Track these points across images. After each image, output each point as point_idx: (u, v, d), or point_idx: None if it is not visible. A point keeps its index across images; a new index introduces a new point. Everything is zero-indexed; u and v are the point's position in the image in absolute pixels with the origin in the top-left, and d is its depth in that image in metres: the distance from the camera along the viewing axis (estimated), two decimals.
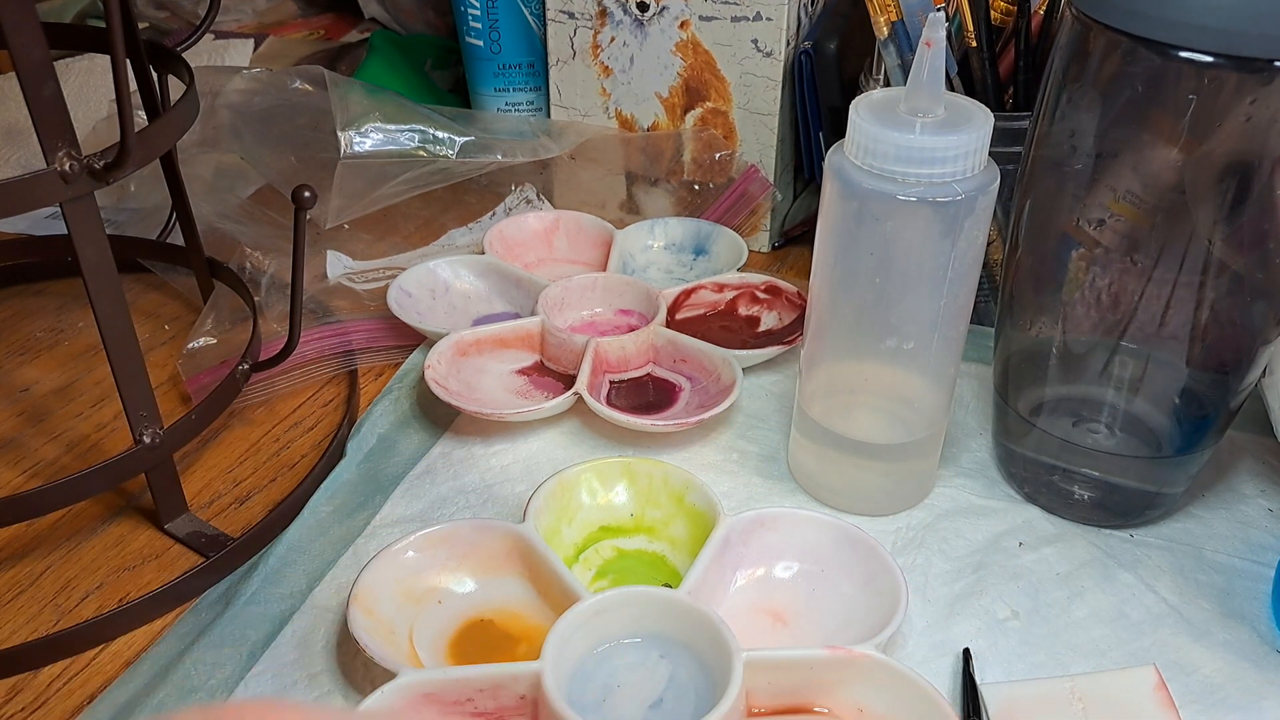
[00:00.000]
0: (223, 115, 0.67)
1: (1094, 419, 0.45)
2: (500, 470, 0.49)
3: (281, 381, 0.54)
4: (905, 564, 0.44)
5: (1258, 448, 0.50)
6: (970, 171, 0.39)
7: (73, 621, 0.42)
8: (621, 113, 0.67)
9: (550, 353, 0.55)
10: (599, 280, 0.58)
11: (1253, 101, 0.36)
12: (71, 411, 0.54)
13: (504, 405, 0.51)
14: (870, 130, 0.38)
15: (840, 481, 0.47)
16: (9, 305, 0.63)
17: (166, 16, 0.94)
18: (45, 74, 0.35)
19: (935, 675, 0.39)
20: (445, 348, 0.53)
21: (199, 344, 0.54)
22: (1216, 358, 0.42)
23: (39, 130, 0.36)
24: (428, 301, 0.59)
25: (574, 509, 0.45)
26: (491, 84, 0.73)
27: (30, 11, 0.35)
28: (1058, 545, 0.45)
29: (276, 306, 0.56)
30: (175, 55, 0.48)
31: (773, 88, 0.63)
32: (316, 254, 0.62)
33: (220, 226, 0.62)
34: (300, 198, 0.41)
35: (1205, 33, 0.35)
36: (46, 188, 0.37)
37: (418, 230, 0.68)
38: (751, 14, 0.61)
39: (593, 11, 0.64)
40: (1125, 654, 0.41)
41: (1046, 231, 0.43)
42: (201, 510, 0.48)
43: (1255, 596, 0.43)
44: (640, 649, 0.39)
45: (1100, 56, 0.38)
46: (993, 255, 0.55)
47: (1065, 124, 0.40)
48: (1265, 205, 0.38)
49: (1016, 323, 0.46)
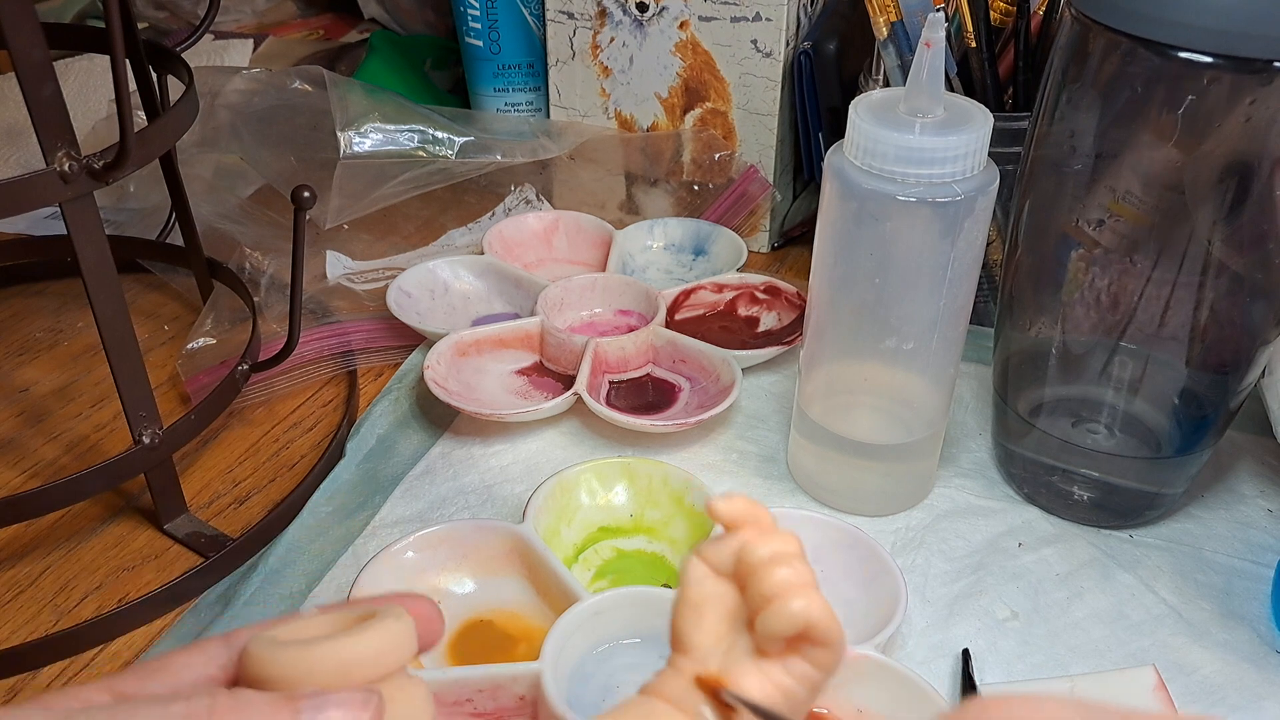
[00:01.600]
0: (222, 115, 0.67)
1: (1093, 419, 0.45)
2: (500, 470, 0.49)
3: (281, 382, 0.54)
4: (905, 564, 0.44)
5: (1257, 448, 0.50)
6: (970, 172, 0.39)
7: (72, 622, 0.42)
8: (621, 113, 0.67)
9: (550, 353, 0.55)
10: (598, 280, 0.58)
11: (1252, 102, 0.36)
12: (71, 412, 0.54)
13: (503, 406, 0.51)
14: (870, 130, 0.38)
15: (840, 482, 0.47)
16: (8, 305, 0.63)
17: (166, 16, 0.94)
18: (45, 74, 0.35)
19: (935, 676, 0.39)
20: (444, 348, 0.53)
21: (198, 344, 0.54)
22: (1216, 358, 0.42)
23: (38, 130, 0.36)
24: (427, 302, 0.59)
25: (573, 509, 0.45)
26: (491, 84, 0.73)
27: (30, 11, 0.35)
28: (1057, 546, 0.45)
29: (276, 307, 0.56)
30: (175, 55, 0.48)
31: (772, 88, 0.63)
32: (316, 254, 0.62)
33: (220, 227, 0.62)
34: (300, 198, 0.41)
35: (1204, 33, 0.35)
36: (46, 188, 0.37)
37: (417, 230, 0.68)
38: (751, 14, 0.61)
39: (592, 12, 0.64)
40: (1124, 654, 0.41)
41: (1046, 232, 0.43)
42: (201, 510, 0.48)
43: (1255, 597, 0.43)
44: (640, 649, 0.39)
45: (1100, 57, 0.38)
46: (992, 255, 0.55)
47: (1065, 124, 0.40)
48: (1264, 205, 0.38)
49: (1016, 323, 0.46)
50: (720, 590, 0.25)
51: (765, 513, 0.25)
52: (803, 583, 0.24)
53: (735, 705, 0.24)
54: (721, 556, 0.25)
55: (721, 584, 0.25)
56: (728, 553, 0.25)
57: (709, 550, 0.25)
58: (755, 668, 0.25)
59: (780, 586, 0.24)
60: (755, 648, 0.25)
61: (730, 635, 0.25)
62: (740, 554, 0.25)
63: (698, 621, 0.25)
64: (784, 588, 0.24)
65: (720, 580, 0.25)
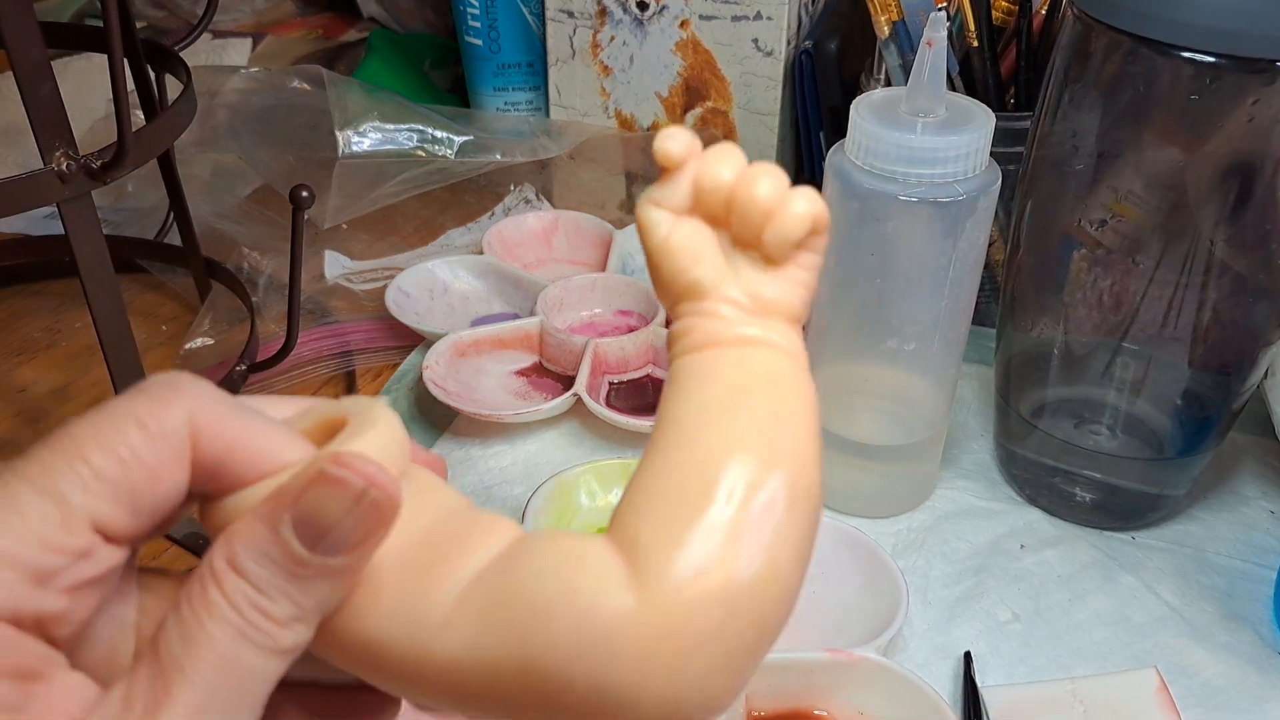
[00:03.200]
0: (221, 115, 0.67)
1: (1096, 420, 0.45)
2: (499, 472, 0.49)
3: (279, 382, 0.54)
4: (906, 566, 0.44)
5: (1259, 450, 0.50)
6: (971, 172, 0.39)
7: None
8: (621, 112, 0.67)
9: (549, 353, 0.54)
10: (598, 281, 0.58)
11: (1255, 102, 0.36)
12: (69, 412, 0.54)
13: (503, 406, 0.51)
14: (871, 130, 0.38)
15: (840, 483, 0.47)
16: (6, 305, 0.63)
17: (164, 16, 0.94)
18: (43, 73, 0.35)
19: (936, 678, 0.39)
20: (443, 348, 0.53)
21: (196, 344, 0.54)
22: (1218, 359, 0.42)
23: (36, 130, 0.36)
24: (426, 302, 0.59)
25: (573, 511, 0.45)
26: (490, 83, 0.73)
27: (28, 11, 0.34)
28: (1059, 547, 0.45)
29: (274, 307, 0.55)
30: (173, 54, 0.48)
31: (773, 87, 0.62)
32: (314, 254, 0.62)
33: (218, 226, 0.62)
34: (298, 198, 0.41)
35: (1207, 33, 0.35)
36: (44, 188, 0.36)
37: (416, 230, 0.68)
38: (752, 13, 0.60)
39: (592, 11, 0.64)
40: (1127, 656, 0.40)
41: (1048, 232, 0.43)
42: None
43: (1257, 599, 0.43)
44: None
45: (1102, 56, 0.38)
46: (994, 256, 0.55)
47: (1067, 124, 0.40)
48: (1267, 206, 0.38)
49: (1018, 324, 0.46)
50: (694, 225, 0.24)
51: (698, 141, 0.24)
52: (785, 184, 0.23)
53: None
54: (679, 195, 0.23)
55: (690, 220, 0.24)
56: (684, 189, 0.23)
57: (660, 194, 0.24)
58: (772, 279, 0.24)
59: (773, 196, 0.23)
60: (764, 260, 0.24)
61: (727, 262, 0.24)
62: (700, 184, 0.23)
63: (697, 259, 0.23)
64: (777, 196, 0.23)
65: (687, 218, 0.24)
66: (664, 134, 0.23)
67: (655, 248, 0.23)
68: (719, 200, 0.23)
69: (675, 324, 0.24)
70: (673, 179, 0.24)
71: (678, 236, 0.23)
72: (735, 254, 0.24)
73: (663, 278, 0.24)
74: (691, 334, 0.23)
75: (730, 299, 0.23)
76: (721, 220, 0.24)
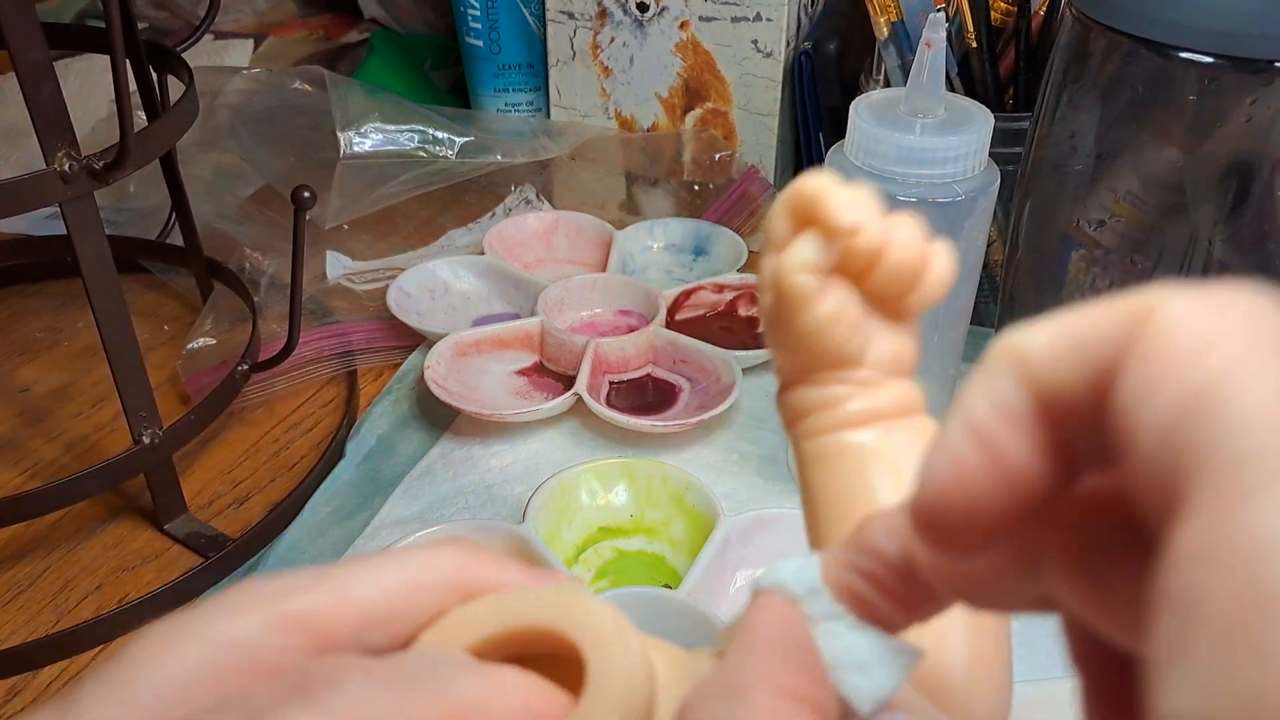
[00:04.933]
0: (222, 115, 0.67)
1: None
2: (500, 471, 0.49)
3: (280, 382, 0.54)
4: None
5: None
6: (970, 172, 0.39)
7: (72, 622, 0.42)
8: (621, 113, 0.67)
9: (550, 353, 0.54)
10: (599, 281, 0.58)
11: (1253, 102, 0.36)
12: (70, 412, 0.54)
13: (503, 406, 0.51)
14: (870, 131, 0.38)
15: None
16: (8, 305, 0.63)
17: (166, 16, 0.94)
18: (44, 74, 0.35)
19: None
20: (444, 348, 0.53)
21: (198, 344, 0.54)
22: None
23: (38, 130, 0.36)
24: (427, 302, 0.59)
25: (574, 510, 0.45)
26: (491, 84, 0.73)
27: (30, 11, 0.35)
28: None
29: (276, 307, 0.56)
30: (175, 55, 0.48)
31: (773, 88, 0.63)
32: (316, 254, 0.62)
33: (219, 227, 0.62)
34: (299, 198, 0.41)
35: (1205, 34, 0.35)
36: (46, 188, 0.37)
37: (417, 231, 0.68)
38: (751, 14, 0.61)
39: (592, 12, 0.64)
40: None
41: (1047, 232, 0.43)
42: (201, 511, 0.48)
43: None
44: None
45: (1101, 57, 0.38)
46: (993, 256, 0.55)
47: (1066, 125, 0.40)
48: (1265, 206, 0.38)
49: (1017, 324, 0.46)
50: (842, 292, 0.23)
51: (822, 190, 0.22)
52: (920, 241, 0.23)
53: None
54: (828, 258, 0.22)
55: (837, 285, 0.23)
56: (834, 252, 0.22)
57: (804, 258, 0.22)
58: (898, 335, 0.23)
59: (920, 259, 0.22)
60: (891, 315, 0.23)
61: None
62: (855, 248, 0.22)
63: (855, 329, 0.23)
64: (922, 257, 0.22)
65: (832, 282, 0.23)
66: (838, 201, 0.22)
67: (813, 322, 0.23)
68: (865, 259, 0.23)
69: (821, 389, 0.24)
70: (813, 238, 0.22)
71: (832, 308, 0.23)
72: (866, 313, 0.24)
73: (814, 349, 0.23)
74: (850, 402, 0.23)
75: (874, 363, 0.23)
76: (859, 275, 0.23)
